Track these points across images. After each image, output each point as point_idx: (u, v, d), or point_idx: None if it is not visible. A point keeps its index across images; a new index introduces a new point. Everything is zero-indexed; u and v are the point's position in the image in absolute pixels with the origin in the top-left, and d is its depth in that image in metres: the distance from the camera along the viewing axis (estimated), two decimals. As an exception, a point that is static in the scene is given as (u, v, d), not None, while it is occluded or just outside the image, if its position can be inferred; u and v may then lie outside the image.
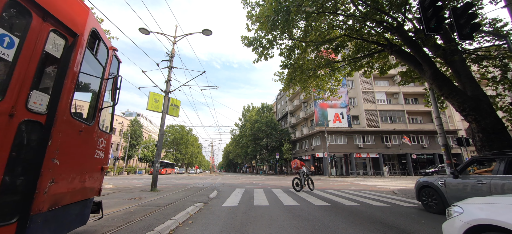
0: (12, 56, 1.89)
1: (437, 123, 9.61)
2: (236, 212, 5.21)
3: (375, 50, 9.67)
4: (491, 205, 1.94)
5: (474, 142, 7.25)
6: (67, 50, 2.37)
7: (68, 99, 2.30)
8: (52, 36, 2.23)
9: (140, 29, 11.06)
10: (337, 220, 4.48)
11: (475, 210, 1.95)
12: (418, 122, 33.01)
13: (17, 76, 1.91)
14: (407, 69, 10.20)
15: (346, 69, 11.34)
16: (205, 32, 11.53)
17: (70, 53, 2.36)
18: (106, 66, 3.18)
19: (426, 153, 31.25)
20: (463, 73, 7.63)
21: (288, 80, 10.43)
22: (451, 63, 7.72)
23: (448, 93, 7.44)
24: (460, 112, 7.33)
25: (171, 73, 11.50)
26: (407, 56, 8.45)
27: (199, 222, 4.32)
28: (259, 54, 9.25)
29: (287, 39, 9.34)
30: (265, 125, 38.63)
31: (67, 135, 2.33)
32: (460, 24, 5.57)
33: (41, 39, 2.11)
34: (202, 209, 5.64)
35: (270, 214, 5.06)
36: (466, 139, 12.22)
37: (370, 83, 33.39)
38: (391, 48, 8.58)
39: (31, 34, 2.03)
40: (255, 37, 8.87)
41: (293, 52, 9.64)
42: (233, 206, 6.01)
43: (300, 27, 9.20)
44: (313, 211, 5.41)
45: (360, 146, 30.84)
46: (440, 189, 5.08)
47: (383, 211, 5.55)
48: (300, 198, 7.45)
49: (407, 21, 8.53)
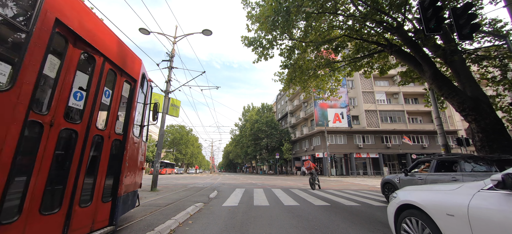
0: (109, 102, 3.09)
1: (437, 123, 9.62)
2: (236, 212, 5.22)
3: (375, 50, 9.68)
4: (411, 191, 2.69)
5: (474, 142, 7.26)
6: (131, 91, 3.58)
7: (132, 123, 3.53)
8: (126, 85, 3.46)
9: (140, 29, 11.07)
10: (337, 220, 4.48)
11: (402, 195, 2.71)
12: (418, 122, 33.02)
13: (112, 113, 3.13)
14: (407, 69, 10.21)
15: (346, 69, 11.34)
16: (205, 32, 11.54)
17: (133, 93, 3.59)
18: (147, 94, 4.46)
19: (426, 153, 31.23)
20: (463, 73, 7.63)
21: (288, 80, 10.44)
22: (451, 63, 7.72)
23: (448, 93, 7.44)
24: (460, 112, 7.34)
25: (171, 73, 11.51)
26: (407, 56, 8.46)
27: (199, 222, 4.32)
28: (259, 54, 9.26)
29: (287, 40, 9.34)
30: (265, 125, 38.65)
31: (131, 146, 3.54)
32: (460, 24, 5.58)
33: (120, 88, 3.33)
34: (202, 209, 5.65)
35: (270, 214, 5.07)
36: (466, 139, 12.23)
37: (370, 83, 33.40)
38: (391, 48, 8.59)
39: (116, 87, 3.25)
40: (255, 37, 8.87)
41: (293, 52, 9.65)
42: (233, 206, 6.02)
43: (300, 27, 9.21)
44: (313, 211, 5.42)
45: (360, 146, 30.85)
46: (396, 185, 6.40)
47: (382, 211, 5.56)
48: (300, 198, 7.46)
49: (407, 21, 8.54)
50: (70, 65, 2.43)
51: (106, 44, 2.92)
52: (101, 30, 2.85)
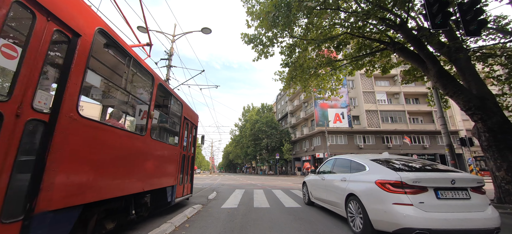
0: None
1: (440, 122, 9.43)
2: (236, 215, 5.03)
3: (377, 49, 9.49)
4: (309, 182, 6.28)
5: (480, 142, 7.06)
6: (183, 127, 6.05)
7: (183, 142, 5.98)
8: (190, 125, 6.64)
9: (138, 27, 10.85)
10: (341, 222, 4.29)
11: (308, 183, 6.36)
12: (419, 122, 32.81)
13: (181, 137, 5.88)
14: (410, 68, 10.01)
15: (348, 68, 11.16)
16: (205, 31, 11.34)
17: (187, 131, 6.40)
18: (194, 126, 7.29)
19: (427, 154, 31.03)
20: (468, 71, 7.44)
21: (288, 79, 10.25)
22: (455, 61, 7.54)
23: (453, 91, 7.26)
24: (466, 111, 7.15)
25: (169, 72, 11.32)
26: (410, 54, 8.28)
27: (197, 225, 4.13)
28: (259, 52, 9.07)
29: (287, 37, 9.16)
30: (265, 125, 38.43)
31: (182, 156, 5.85)
32: (466, 20, 5.39)
33: (192, 132, 6.91)
34: (200, 211, 5.45)
35: (270, 216, 4.88)
36: (470, 139, 12.04)
37: (371, 83, 33.20)
38: (394, 46, 8.40)
39: (183, 124, 5.93)
40: (255, 34, 8.68)
41: (294, 51, 9.46)
42: (233, 208, 5.82)
43: (301, 25, 9.03)
44: (315, 213, 5.22)
45: (361, 147, 30.65)
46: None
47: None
48: (301, 200, 7.26)
49: (410, 19, 8.36)
50: None
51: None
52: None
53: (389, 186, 3.11)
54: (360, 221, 3.48)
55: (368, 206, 3.31)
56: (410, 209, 2.87)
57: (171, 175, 4.97)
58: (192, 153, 6.95)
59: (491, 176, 6.98)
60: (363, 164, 3.99)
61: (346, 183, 4.06)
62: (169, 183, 4.87)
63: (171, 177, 4.99)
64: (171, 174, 4.98)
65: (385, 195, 3.11)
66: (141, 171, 3.60)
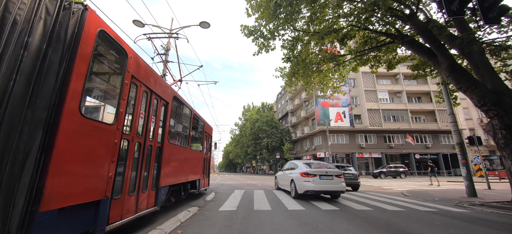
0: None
1: (450, 119, 8.99)
2: (234, 219, 4.58)
3: (383, 42, 9.03)
4: (278, 176, 10.33)
5: (495, 140, 6.61)
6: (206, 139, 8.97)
7: (204, 149, 8.57)
8: (208, 136, 9.36)
9: (134, 21, 10.41)
10: (352, 229, 3.84)
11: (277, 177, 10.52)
12: (421, 122, 32.34)
13: (203, 145, 8.68)
14: (418, 62, 9.55)
15: (352, 64, 10.69)
16: (203, 25, 10.86)
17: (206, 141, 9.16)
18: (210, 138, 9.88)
19: (429, 153, 30.57)
20: (482, 65, 6.98)
21: (290, 74, 9.79)
22: (468, 54, 7.07)
23: (466, 86, 6.80)
24: (480, 107, 6.70)
25: (166, 67, 10.87)
26: (420, 47, 7.82)
27: (190, 231, 3.68)
28: (259, 46, 8.60)
29: (290, 30, 8.71)
30: (265, 124, 37.92)
31: (206, 160, 8.81)
32: (485, 6, 4.93)
33: (209, 140, 9.70)
34: (196, 214, 5.00)
35: (272, 220, 4.43)
36: (478, 138, 11.58)
37: (373, 82, 32.72)
38: (402, 39, 7.94)
39: (204, 136, 8.64)
40: (255, 26, 8.21)
41: (296, 44, 9.00)
42: (231, 211, 5.38)
43: (304, 17, 8.57)
44: (322, 217, 4.78)
45: (363, 146, 30.19)
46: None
47: (400, 216, 4.92)
48: (305, 202, 6.81)
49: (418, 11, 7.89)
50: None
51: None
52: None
53: (303, 174, 7.15)
54: (294, 191, 7.52)
55: (296, 183, 7.33)
56: (309, 183, 6.91)
57: (199, 172, 7.62)
58: (209, 156, 9.83)
59: (507, 176, 6.55)
60: (297, 165, 8.11)
61: (291, 175, 7.98)
62: (198, 177, 7.49)
63: (199, 174, 7.64)
64: (199, 171, 7.62)
65: (302, 178, 7.14)
66: (186, 169, 6.19)
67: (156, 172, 4.22)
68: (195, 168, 7.07)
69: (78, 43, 2.31)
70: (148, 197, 3.95)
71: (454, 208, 6.33)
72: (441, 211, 5.80)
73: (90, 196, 2.53)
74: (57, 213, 2.15)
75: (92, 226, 2.61)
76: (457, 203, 7.04)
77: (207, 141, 9.07)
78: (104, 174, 2.72)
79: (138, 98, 3.49)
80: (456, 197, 8.18)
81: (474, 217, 5.08)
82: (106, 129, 2.76)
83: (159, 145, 4.36)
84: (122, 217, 3.13)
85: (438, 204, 6.83)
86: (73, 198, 2.30)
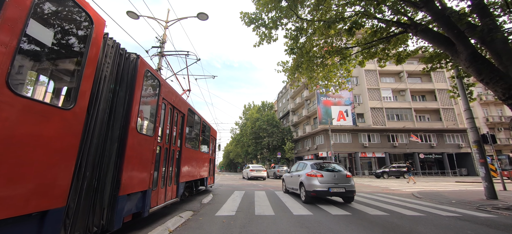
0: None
1: (466, 116, 8.35)
2: (232, 226, 3.97)
3: (394, 33, 8.39)
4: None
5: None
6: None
7: (211, 150, 10.04)
8: (213, 139, 10.97)
9: (128, 12, 9.84)
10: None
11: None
12: (425, 120, 31.61)
13: (209, 148, 9.89)
14: (432, 53, 8.89)
15: (358, 57, 10.05)
16: (201, 16, 10.28)
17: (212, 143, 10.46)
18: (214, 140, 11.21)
19: (434, 153, 29.88)
20: (506, 55, 6.32)
21: (293, 67, 9.16)
22: (490, 43, 6.43)
23: (489, 77, 6.16)
24: (505, 100, 6.06)
25: (162, 61, 10.26)
26: (436, 36, 7.18)
27: (179, 244, 3.07)
28: (261, 36, 7.98)
29: (293, 20, 8.08)
30: (266, 123, 37.28)
31: (211, 160, 9.92)
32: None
33: (214, 143, 11.27)
34: (189, 220, 4.39)
35: (276, 229, 3.81)
36: (492, 136, 10.93)
37: (376, 80, 32.01)
38: (415, 28, 7.29)
39: (210, 139, 10.00)
40: (256, 13, 7.58)
41: (300, 35, 8.37)
42: (229, 216, 4.77)
43: (309, 5, 7.94)
44: (333, 224, 4.15)
45: (366, 145, 29.50)
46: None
47: (423, 223, 4.29)
48: (313, 206, 6.19)
49: None
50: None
51: None
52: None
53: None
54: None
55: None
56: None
57: (206, 171, 8.57)
58: (214, 157, 11.06)
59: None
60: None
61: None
62: (206, 176, 8.50)
63: (206, 172, 8.61)
64: (206, 170, 8.57)
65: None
66: (197, 168, 7.15)
67: (177, 170, 5.32)
68: (203, 167, 8.18)
69: (134, 81, 3.23)
70: (172, 190, 5.07)
71: (477, 212, 5.69)
72: (466, 216, 5.17)
73: (142, 186, 3.51)
74: (127, 197, 3.09)
75: (142, 208, 3.61)
76: (478, 206, 6.40)
77: (212, 143, 10.39)
78: (149, 171, 3.69)
79: (166, 114, 4.56)
80: (473, 199, 7.54)
81: (508, 224, 4.44)
82: (149, 139, 3.73)
83: (179, 149, 5.41)
84: (157, 203, 4.24)
85: (458, 208, 6.19)
86: (134, 187, 3.27)
